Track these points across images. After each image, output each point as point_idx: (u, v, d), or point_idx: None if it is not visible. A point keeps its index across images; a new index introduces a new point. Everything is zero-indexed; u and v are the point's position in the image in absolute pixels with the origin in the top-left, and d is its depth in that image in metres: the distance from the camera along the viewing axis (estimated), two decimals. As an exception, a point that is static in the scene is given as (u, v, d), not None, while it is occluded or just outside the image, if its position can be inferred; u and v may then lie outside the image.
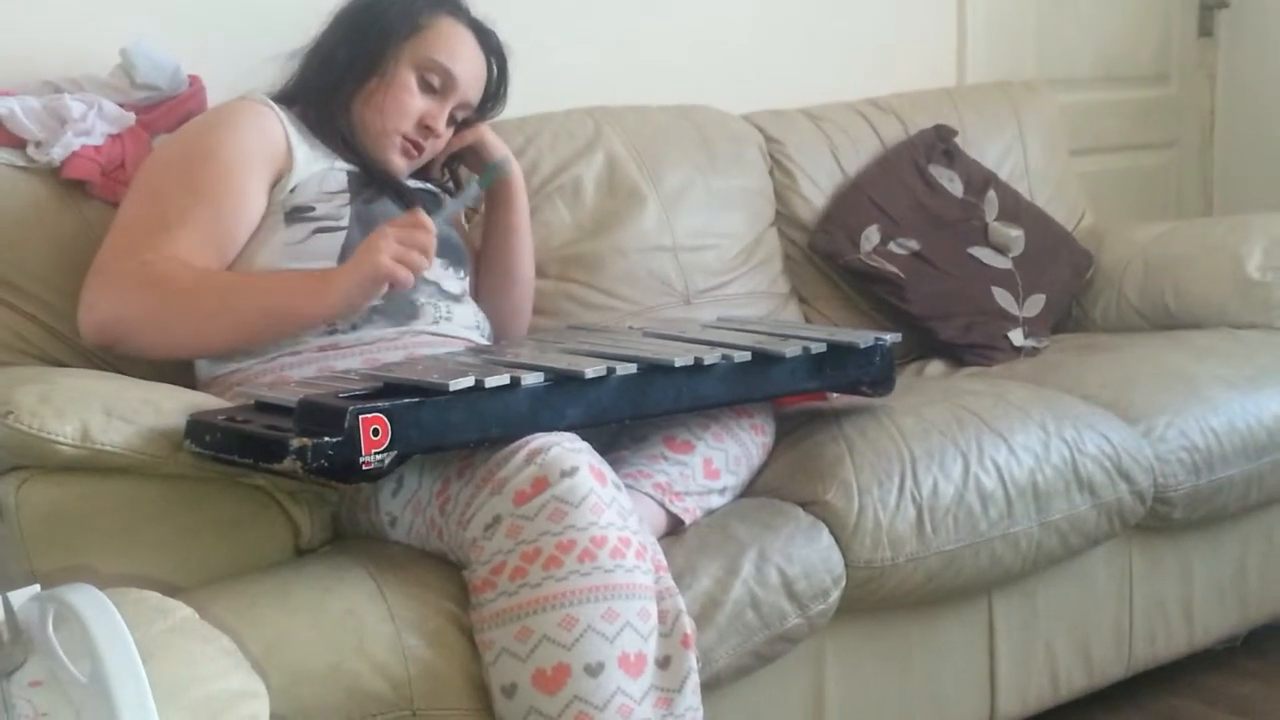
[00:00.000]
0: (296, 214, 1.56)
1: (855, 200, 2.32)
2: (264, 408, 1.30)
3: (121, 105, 1.74)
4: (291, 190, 1.58)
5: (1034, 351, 2.23)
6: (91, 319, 1.46)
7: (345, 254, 1.55)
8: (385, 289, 1.44)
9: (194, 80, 1.82)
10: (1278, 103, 3.12)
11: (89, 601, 0.79)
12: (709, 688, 1.35)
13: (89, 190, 1.66)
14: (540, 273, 1.92)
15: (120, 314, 1.45)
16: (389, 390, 1.27)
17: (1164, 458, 1.83)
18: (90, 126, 1.68)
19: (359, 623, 1.21)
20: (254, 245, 1.55)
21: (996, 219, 2.38)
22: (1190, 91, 3.22)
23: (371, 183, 1.64)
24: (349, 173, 1.63)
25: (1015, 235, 2.36)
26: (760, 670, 1.48)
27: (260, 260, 1.54)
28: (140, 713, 0.67)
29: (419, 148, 1.69)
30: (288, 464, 1.17)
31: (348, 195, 1.60)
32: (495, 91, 1.78)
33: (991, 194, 2.41)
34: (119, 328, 1.45)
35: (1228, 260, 2.30)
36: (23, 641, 0.80)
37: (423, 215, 1.47)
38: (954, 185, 2.40)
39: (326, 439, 1.17)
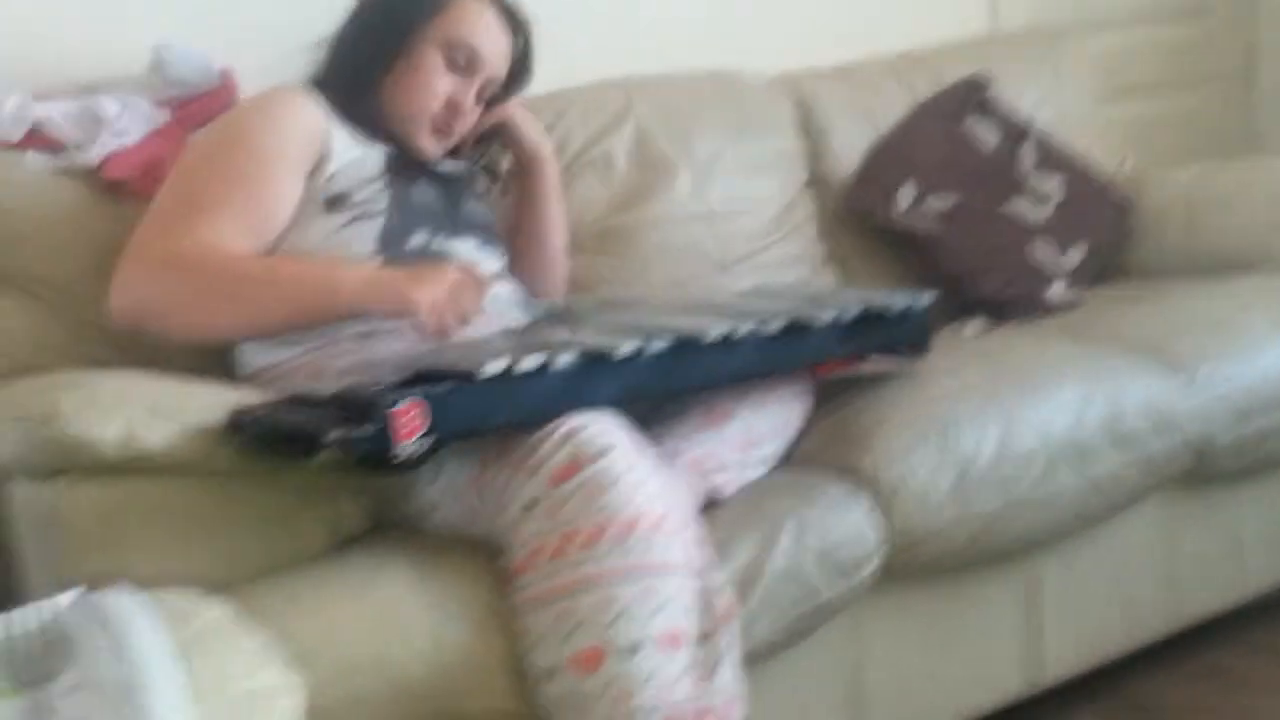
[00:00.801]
0: (335, 202, 1.57)
1: (889, 158, 2.30)
2: (301, 401, 1.31)
3: (156, 103, 1.77)
4: (329, 178, 1.59)
5: (1075, 304, 2.21)
6: (121, 300, 1.47)
7: (384, 240, 1.57)
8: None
9: (225, 74, 1.84)
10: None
11: (126, 604, 0.82)
12: (748, 661, 1.36)
13: (128, 189, 1.69)
14: (575, 248, 1.93)
15: (148, 295, 1.46)
16: (423, 378, 1.28)
17: (1208, 407, 1.81)
18: (126, 126, 1.70)
19: (401, 613, 1.23)
20: (295, 234, 1.56)
21: (1034, 168, 2.35)
22: (1232, 24, 3.14)
23: (407, 167, 1.65)
24: (385, 157, 1.64)
25: (1053, 185, 2.33)
26: (800, 643, 1.49)
27: (304, 249, 1.55)
28: (174, 713, 0.69)
29: (449, 128, 1.70)
30: (325, 456, 1.19)
31: (385, 180, 1.61)
32: (521, 66, 1.78)
33: (1028, 144, 2.38)
34: (146, 309, 1.46)
35: (1272, 200, 2.26)
36: (60, 651, 0.82)
37: (484, 277, 1.48)
38: (990, 136, 2.37)
39: (362, 430, 1.19)
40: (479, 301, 1.45)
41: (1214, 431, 1.81)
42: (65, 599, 0.92)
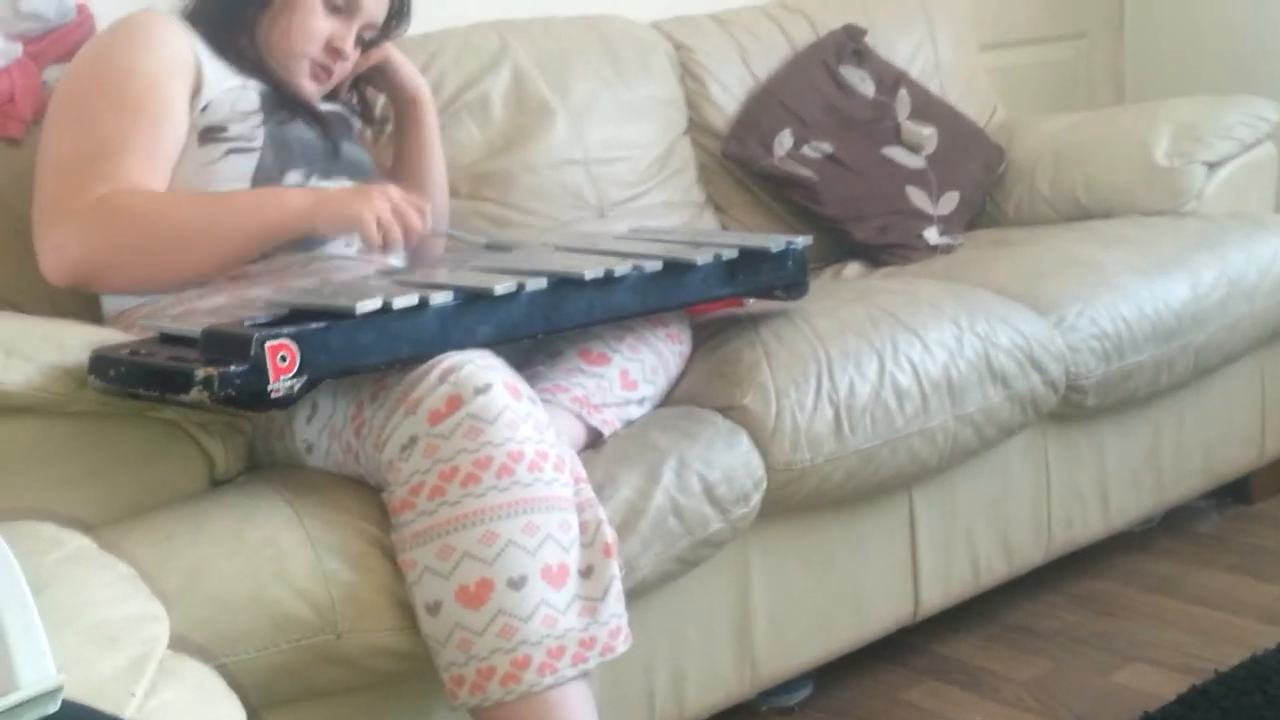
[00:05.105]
0: (209, 134, 1.53)
1: (767, 105, 2.31)
2: (169, 339, 1.27)
3: (8, 37, 1.69)
4: (204, 109, 1.54)
5: (949, 249, 2.25)
6: (63, 260, 1.42)
7: (258, 177, 1.53)
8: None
9: (82, 8, 1.76)
10: (1186, -13, 3.13)
11: (-22, 532, 0.79)
12: (635, 595, 1.37)
13: (-22, 126, 1.62)
14: (452, 191, 1.90)
15: (95, 250, 1.41)
16: (296, 316, 1.25)
17: (1075, 346, 1.86)
18: (-26, 61, 1.63)
19: (278, 550, 1.21)
20: None
21: (908, 118, 2.38)
22: (1099, -21, 3.22)
23: (284, 104, 1.61)
24: (261, 93, 1.59)
25: (927, 134, 2.36)
26: (685, 575, 1.50)
27: (176, 181, 1.50)
28: (28, 638, 0.66)
29: (328, 71, 1.66)
30: (194, 395, 1.15)
31: (261, 116, 1.56)
32: (399, 9, 1.74)
33: (903, 93, 2.41)
34: (94, 265, 1.42)
35: (1135, 148, 2.32)
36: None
37: (426, 205, 1.50)
38: (865, 85, 2.40)
39: (233, 368, 1.16)
40: (422, 218, 1.47)
41: (1080, 370, 1.86)
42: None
